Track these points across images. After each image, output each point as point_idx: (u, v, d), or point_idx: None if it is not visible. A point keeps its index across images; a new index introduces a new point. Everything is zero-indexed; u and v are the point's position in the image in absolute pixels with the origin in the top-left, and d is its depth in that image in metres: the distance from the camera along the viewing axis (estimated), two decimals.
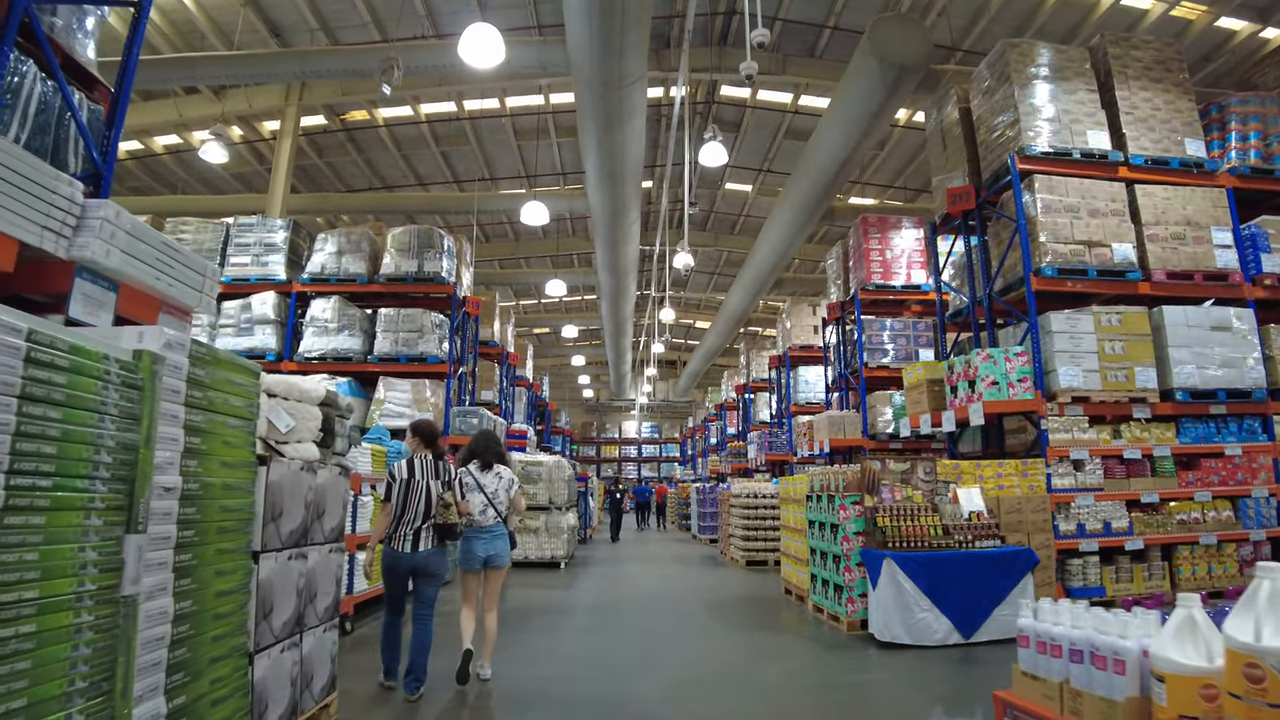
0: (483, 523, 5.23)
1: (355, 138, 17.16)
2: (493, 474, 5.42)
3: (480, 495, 5.27)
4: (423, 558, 4.92)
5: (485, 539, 5.22)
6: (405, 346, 12.35)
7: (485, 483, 5.34)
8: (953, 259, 10.17)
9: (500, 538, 5.30)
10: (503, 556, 5.28)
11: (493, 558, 5.23)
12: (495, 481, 5.39)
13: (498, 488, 5.37)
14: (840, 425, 11.96)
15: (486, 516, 5.27)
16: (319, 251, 13.09)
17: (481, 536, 5.22)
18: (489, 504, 5.28)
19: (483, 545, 5.21)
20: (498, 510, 5.30)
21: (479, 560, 5.19)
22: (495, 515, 5.29)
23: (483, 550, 5.20)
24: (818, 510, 7.42)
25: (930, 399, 8.72)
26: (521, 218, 13.66)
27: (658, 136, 17.27)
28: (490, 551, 5.22)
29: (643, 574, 11.40)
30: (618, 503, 20.60)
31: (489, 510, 5.27)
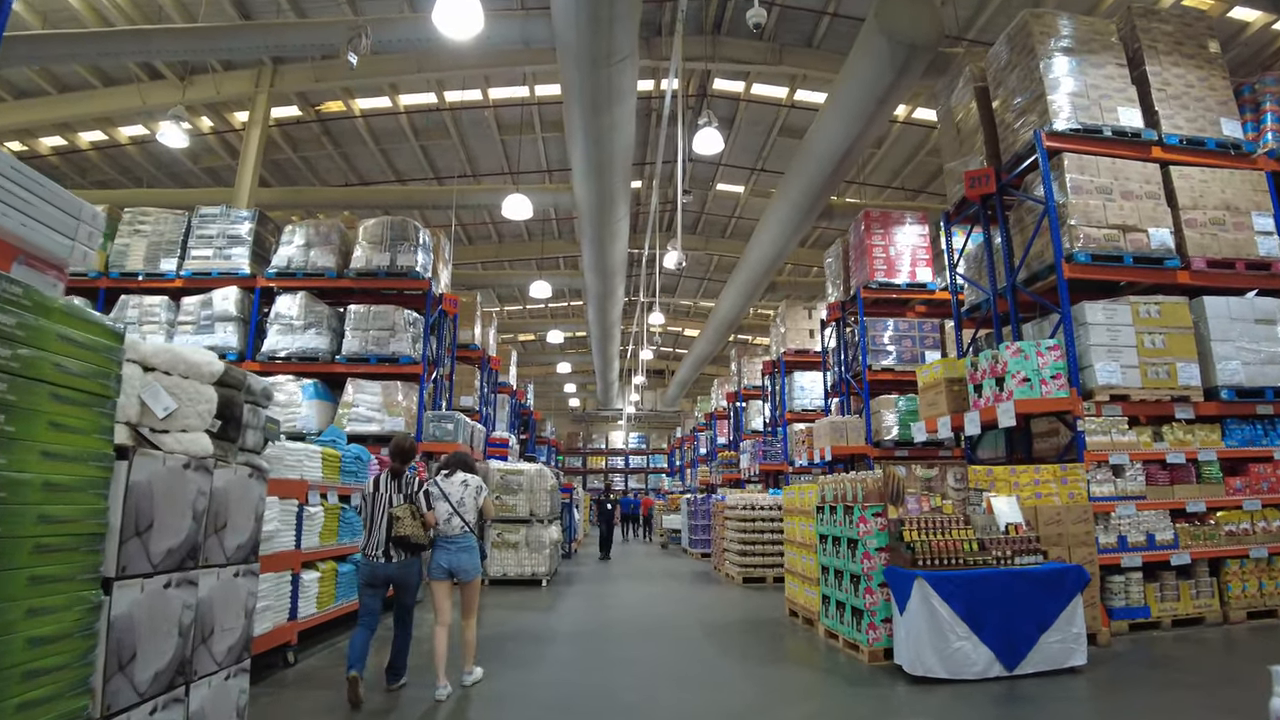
0: (448, 532, 5.05)
1: (331, 130, 16.21)
2: (458, 481, 5.23)
3: (445, 504, 5.11)
4: (395, 568, 4.91)
5: (450, 550, 5.04)
6: (376, 346, 11.37)
7: (450, 491, 5.15)
8: (968, 250, 9.32)
9: (466, 550, 5.07)
10: (469, 570, 5.06)
11: (456, 570, 5.03)
12: (461, 489, 5.18)
13: (463, 495, 5.16)
14: (843, 431, 11.07)
15: (452, 526, 5.06)
16: (286, 244, 12.13)
17: (446, 547, 5.05)
18: (454, 512, 5.08)
19: (446, 556, 5.03)
20: (463, 519, 5.09)
21: (442, 570, 5.02)
22: (462, 525, 5.07)
23: (445, 561, 5.02)
24: (831, 523, 6.50)
25: (949, 400, 7.84)
26: (503, 211, 12.74)
27: (647, 133, 16.44)
28: (454, 564, 5.02)
29: (631, 593, 10.40)
30: (608, 514, 18.51)
31: (454, 519, 5.07)
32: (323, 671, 5.71)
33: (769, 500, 10.94)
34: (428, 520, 4.96)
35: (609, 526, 17.81)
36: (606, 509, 18.36)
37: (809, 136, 11.63)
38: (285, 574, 5.71)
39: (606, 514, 18.24)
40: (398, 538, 4.83)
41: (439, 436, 11.06)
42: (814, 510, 7.07)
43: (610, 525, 17.97)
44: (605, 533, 17.24)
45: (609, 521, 18.04)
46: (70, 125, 15.63)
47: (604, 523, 17.93)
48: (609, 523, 18.02)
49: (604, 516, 18.19)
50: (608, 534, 17.21)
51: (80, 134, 16.10)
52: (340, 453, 6.68)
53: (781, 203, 13.22)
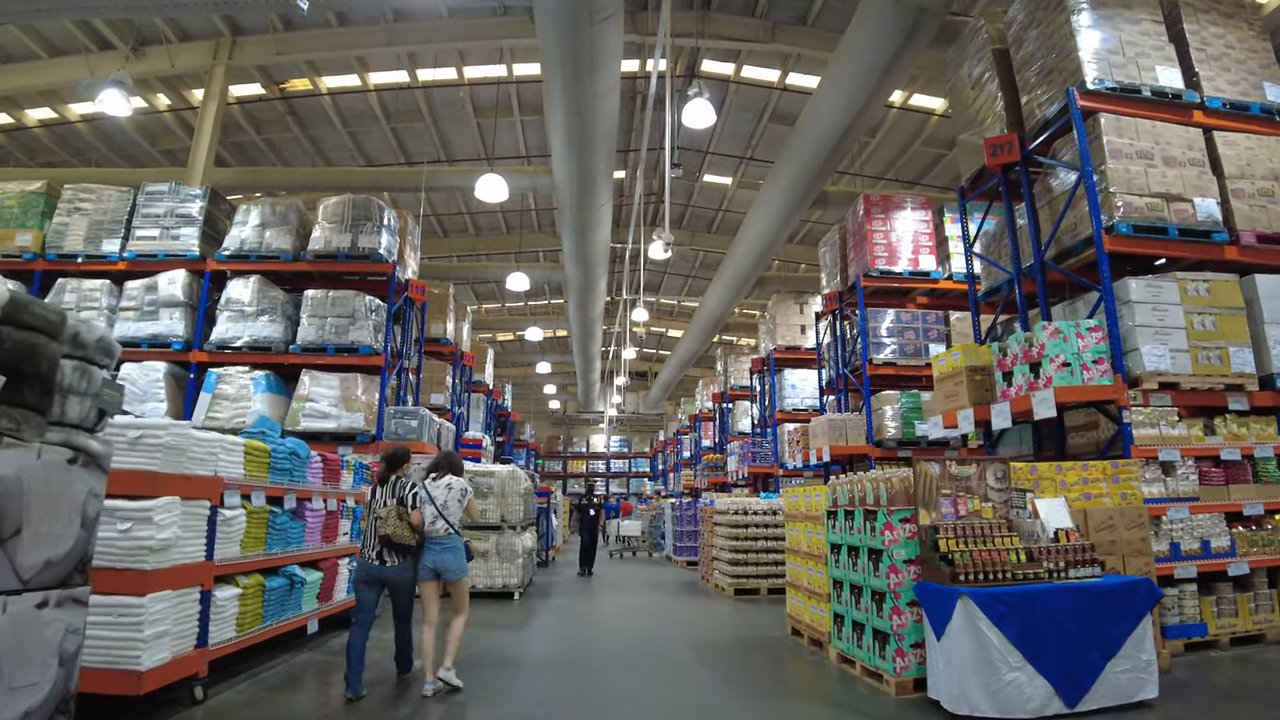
0: (433, 533, 5.15)
1: (297, 111, 15.08)
2: (443, 484, 5.28)
3: (431, 507, 5.17)
4: (390, 571, 5.06)
5: (434, 550, 5.13)
6: (334, 334, 10.26)
7: (435, 494, 5.21)
8: (985, 228, 8.42)
9: (450, 550, 5.14)
10: (454, 570, 5.14)
11: (441, 570, 5.13)
12: (445, 492, 5.24)
13: (447, 498, 5.22)
14: (842, 430, 10.12)
15: (436, 528, 5.15)
16: (239, 225, 11.02)
17: (432, 548, 5.15)
18: (439, 515, 5.15)
19: (431, 556, 5.13)
20: (448, 521, 5.16)
21: (429, 570, 5.14)
22: (446, 526, 5.15)
23: (431, 561, 5.12)
24: (847, 531, 5.52)
25: (972, 390, 6.91)
26: (476, 192, 11.70)
27: (632, 118, 15.48)
28: (438, 564, 5.12)
29: (612, 607, 9.33)
30: (591, 521, 14.51)
31: (439, 521, 5.15)
32: (242, 710, 4.62)
33: (762, 504, 9.95)
34: (413, 520, 5.06)
35: (592, 536, 14.24)
36: (589, 514, 14.57)
37: (805, 115, 10.73)
38: (190, 591, 4.61)
39: (589, 520, 14.47)
40: (382, 537, 4.99)
41: (401, 434, 9.96)
42: (823, 516, 6.09)
43: (593, 535, 14.35)
44: (587, 543, 14.00)
45: (592, 530, 14.36)
46: (16, 101, 14.37)
47: (586, 531, 14.27)
48: (592, 531, 14.34)
49: (586, 524, 14.45)
50: (590, 544, 14.01)
51: (27, 111, 14.85)
52: (270, 446, 5.59)
53: (773, 189, 12.30)
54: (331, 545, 6.69)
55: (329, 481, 6.64)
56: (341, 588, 6.92)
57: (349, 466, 7.13)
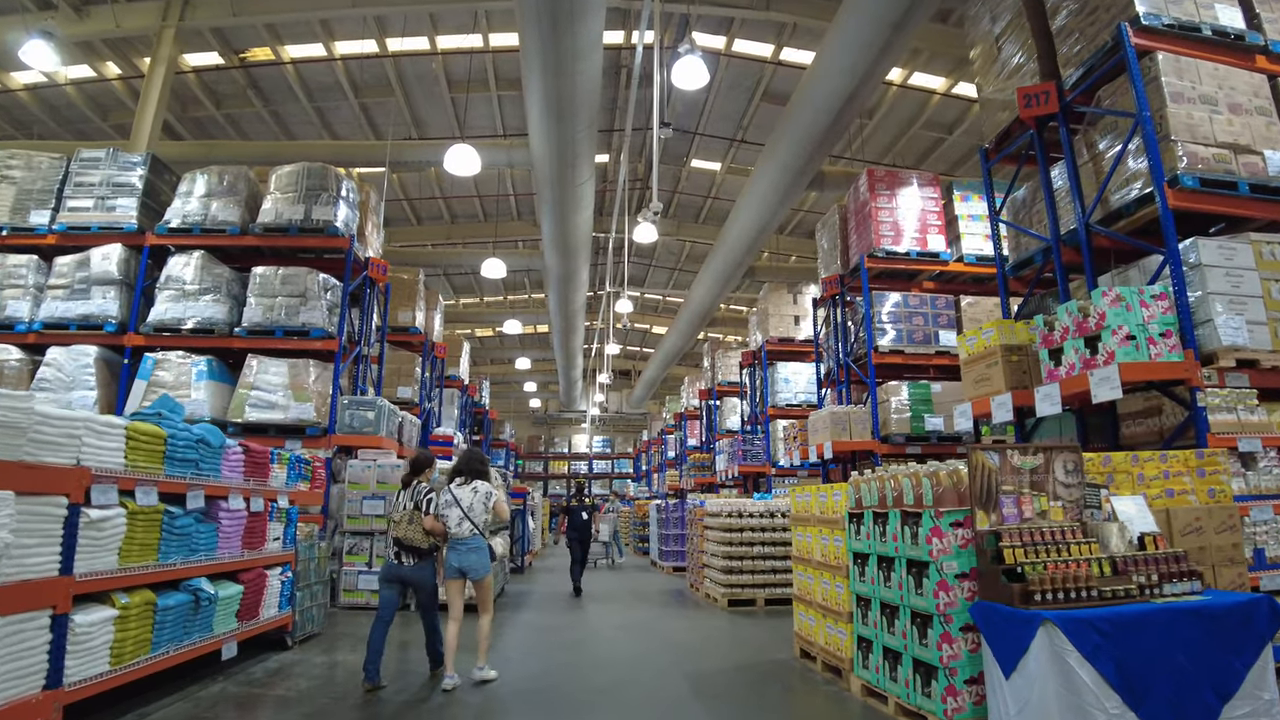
0: (459, 535, 5.26)
1: (259, 84, 13.87)
2: (469, 488, 5.38)
3: (457, 509, 5.28)
4: (409, 571, 5.23)
5: (460, 550, 5.26)
6: (283, 315, 9.12)
7: (461, 497, 5.32)
8: (1012, 196, 7.44)
9: (475, 550, 5.29)
10: (477, 569, 5.29)
11: (467, 569, 5.26)
12: (471, 495, 5.35)
13: (473, 501, 5.34)
14: (845, 424, 9.11)
15: (462, 529, 5.26)
16: (183, 196, 9.89)
17: (457, 548, 5.26)
18: (464, 517, 5.27)
19: (456, 556, 5.26)
20: (474, 523, 5.29)
21: (454, 570, 5.26)
22: (471, 528, 5.28)
23: (456, 561, 5.25)
24: (877, 537, 4.47)
25: (1008, 373, 5.90)
26: (446, 164, 10.57)
27: (616, 94, 14.45)
28: (464, 564, 5.25)
29: (593, 622, 8.20)
30: (584, 526, 11.34)
31: (465, 523, 5.27)
32: None
33: (758, 506, 8.90)
34: (425, 525, 5.20)
35: (584, 547, 11.27)
36: (581, 518, 11.32)
37: (806, 79, 9.74)
38: (35, 616, 3.47)
39: (581, 526, 11.28)
40: (395, 539, 5.19)
41: (356, 427, 8.81)
42: (842, 519, 5.04)
43: (586, 545, 11.37)
44: (579, 555, 11.10)
45: (584, 539, 11.31)
46: None
47: (577, 542, 11.22)
48: (584, 541, 11.28)
49: (577, 531, 11.28)
50: (583, 557, 11.17)
51: None
52: (166, 431, 4.45)
53: (769, 165, 11.29)
54: (257, 553, 5.54)
55: (253, 477, 5.49)
56: (272, 602, 5.77)
57: (281, 460, 5.98)
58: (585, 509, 11.58)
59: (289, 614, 6.05)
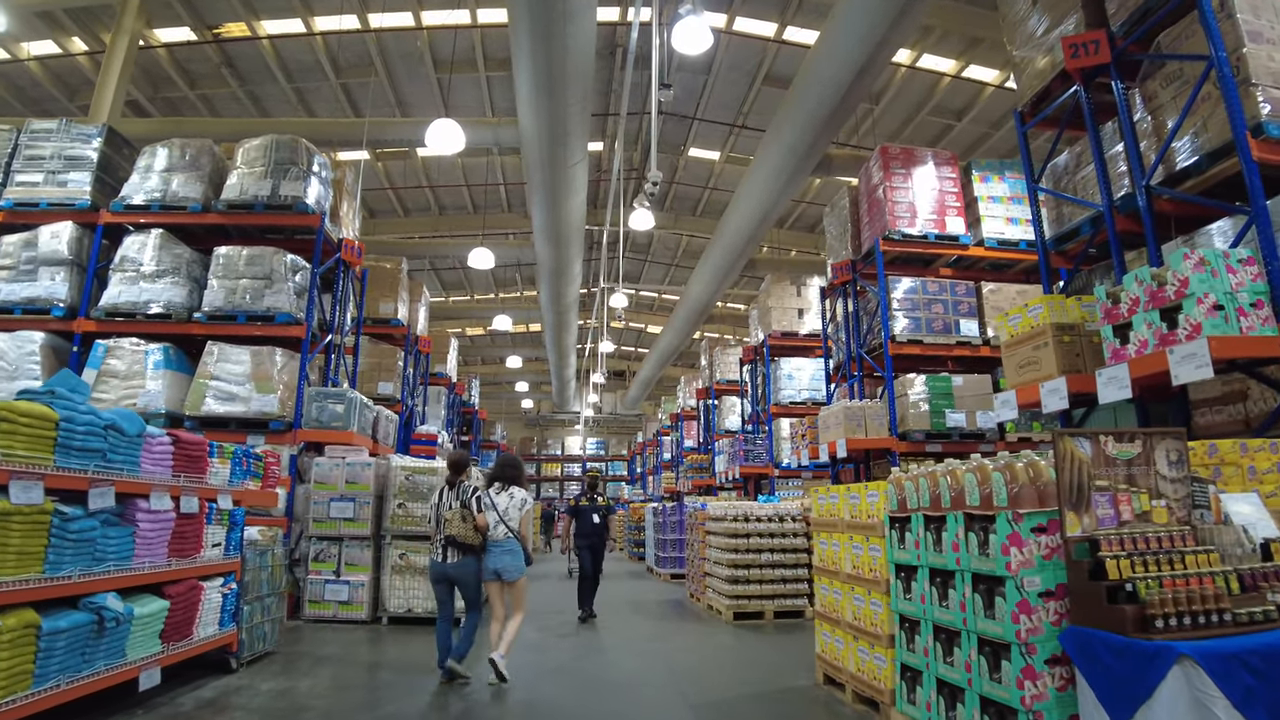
0: (495, 537, 5.38)
1: (235, 62, 13.02)
2: (506, 494, 5.54)
3: (494, 513, 5.41)
4: (453, 567, 5.33)
5: (495, 552, 5.37)
6: (247, 299, 8.27)
7: (498, 502, 5.47)
8: (1052, 163, 6.66)
9: (509, 553, 5.39)
10: (511, 571, 5.38)
11: (501, 570, 5.37)
12: (507, 500, 5.50)
13: (508, 506, 5.48)
14: (860, 419, 8.31)
15: (498, 532, 5.39)
16: (142, 171, 9.05)
17: (493, 550, 5.38)
18: (500, 520, 5.40)
19: (492, 558, 5.37)
20: (508, 526, 5.42)
21: (490, 571, 5.38)
22: (506, 531, 5.40)
23: (492, 563, 5.37)
24: (929, 546, 3.65)
25: (1061, 355, 5.10)
26: (427, 141, 9.74)
27: (611, 77, 13.66)
28: (499, 565, 5.36)
29: (585, 638, 7.32)
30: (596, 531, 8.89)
31: (500, 526, 5.39)
32: None
33: (766, 509, 8.07)
34: (478, 523, 5.30)
35: (595, 556, 8.81)
36: (592, 522, 8.89)
37: (814, 53, 8.96)
38: None
39: (593, 531, 8.87)
40: (448, 537, 5.30)
41: (324, 421, 7.94)
42: (880, 524, 4.22)
43: (599, 555, 8.92)
44: (589, 568, 8.66)
45: (596, 546, 8.87)
46: None
47: (587, 549, 8.78)
48: (596, 549, 8.85)
49: (587, 537, 8.84)
50: (594, 570, 8.71)
51: None
52: (59, 414, 3.60)
53: (773, 147, 10.50)
54: (190, 561, 4.68)
55: (184, 472, 4.64)
56: (210, 619, 4.90)
57: (224, 454, 5.12)
58: (598, 510, 8.90)
59: (232, 632, 5.19)
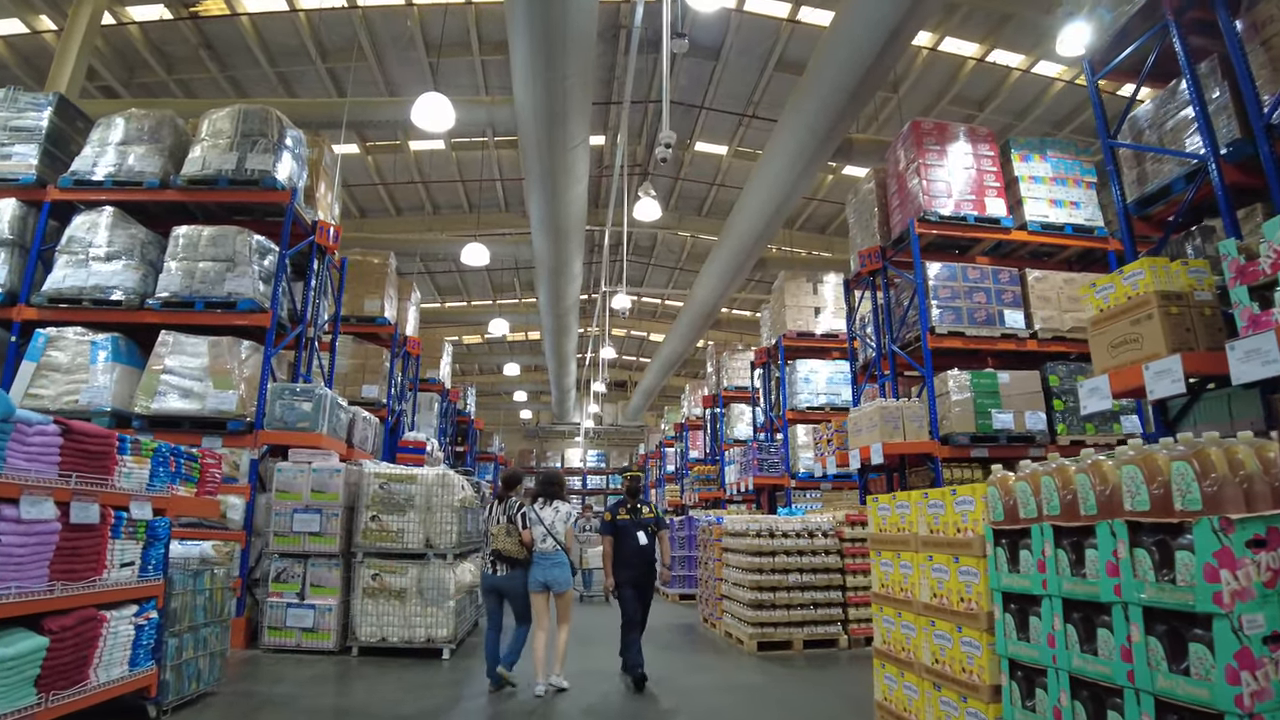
0: (543, 549, 5.42)
1: (213, 44, 12.15)
2: (551, 508, 5.56)
3: (540, 527, 5.46)
4: (502, 580, 5.43)
5: (543, 565, 5.40)
6: (206, 284, 7.31)
7: (544, 516, 5.50)
8: (1130, 113, 5.71)
9: (557, 565, 5.42)
10: (560, 583, 5.41)
11: (549, 582, 5.39)
12: (553, 514, 5.53)
13: (554, 520, 5.50)
14: (897, 421, 7.31)
15: (546, 545, 5.43)
16: (95, 143, 8.11)
17: (540, 563, 5.41)
18: (547, 534, 5.44)
19: (540, 570, 5.40)
20: (555, 539, 5.44)
21: (538, 583, 5.39)
22: (553, 544, 5.43)
23: (540, 575, 5.39)
24: (1066, 568, 2.64)
25: (1169, 330, 4.11)
26: (413, 117, 8.81)
27: (614, 63, 12.80)
28: (547, 578, 5.38)
29: (587, 675, 6.20)
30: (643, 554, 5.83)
31: (547, 539, 5.43)
32: None
33: (793, 524, 7.04)
34: (524, 538, 5.41)
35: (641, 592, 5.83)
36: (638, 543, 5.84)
37: (840, 13, 8.06)
38: None
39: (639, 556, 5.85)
40: (494, 551, 5.42)
41: (289, 421, 6.94)
42: (976, 539, 3.21)
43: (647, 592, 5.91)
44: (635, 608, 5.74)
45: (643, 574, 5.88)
46: None
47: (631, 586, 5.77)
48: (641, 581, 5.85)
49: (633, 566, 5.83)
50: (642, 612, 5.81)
51: None
52: None
53: (788, 130, 9.62)
54: (85, 585, 3.66)
55: (79, 471, 3.63)
56: (117, 658, 3.87)
57: (141, 451, 4.11)
58: (645, 525, 5.88)
59: (151, 672, 4.15)
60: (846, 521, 6.96)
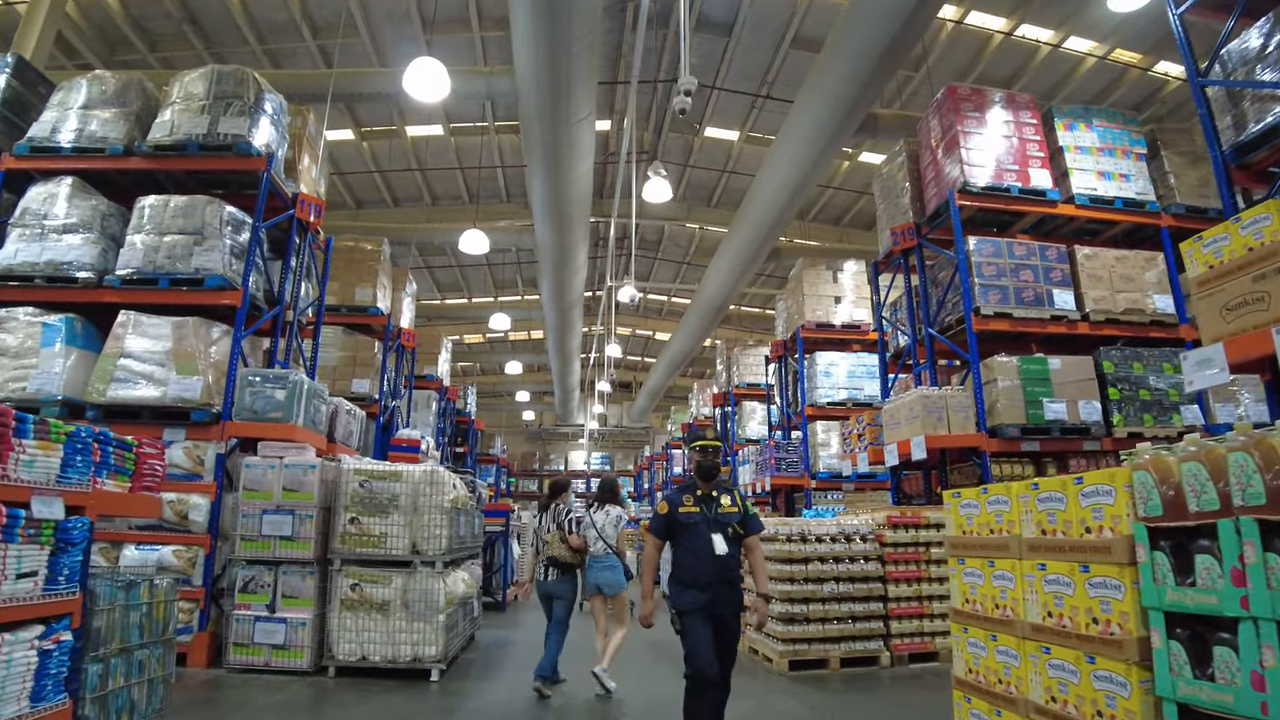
0: (595, 553, 5.42)
1: (198, 19, 11.44)
2: (603, 511, 5.54)
3: (593, 531, 5.45)
4: (552, 585, 5.48)
5: (596, 568, 5.41)
6: (173, 259, 6.55)
7: (596, 519, 5.49)
8: (1227, 47, 4.92)
9: (610, 568, 5.41)
10: (613, 585, 5.40)
11: (602, 585, 5.40)
12: (604, 517, 5.50)
13: (605, 523, 5.48)
14: (940, 412, 6.50)
15: (598, 548, 5.41)
16: (56, 107, 7.38)
17: (594, 566, 5.42)
18: (599, 537, 5.41)
19: (593, 573, 5.42)
20: (607, 542, 5.41)
21: (592, 585, 5.44)
22: (605, 548, 5.40)
23: (593, 577, 5.42)
24: (1275, 579, 1.84)
25: None
26: (405, 86, 8.06)
27: (620, 40, 12.05)
28: (600, 580, 5.39)
29: (594, 702, 5.42)
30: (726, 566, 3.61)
31: (599, 543, 5.41)
32: None
33: (826, 526, 6.22)
34: (573, 543, 5.45)
35: (723, 632, 3.59)
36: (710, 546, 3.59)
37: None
38: None
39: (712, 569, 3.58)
40: (548, 558, 5.46)
41: (260, 410, 6.15)
42: (1120, 541, 2.41)
43: (727, 627, 3.62)
44: (703, 654, 3.43)
45: (723, 596, 3.59)
46: None
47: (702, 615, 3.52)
48: (723, 610, 3.60)
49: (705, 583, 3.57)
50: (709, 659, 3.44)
51: None
52: None
53: (810, 102, 8.86)
54: None
55: None
56: (12, 694, 3.07)
57: (49, 437, 3.33)
58: (722, 523, 3.69)
59: (62, 706, 3.35)
60: (888, 524, 6.15)
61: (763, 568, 3.95)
